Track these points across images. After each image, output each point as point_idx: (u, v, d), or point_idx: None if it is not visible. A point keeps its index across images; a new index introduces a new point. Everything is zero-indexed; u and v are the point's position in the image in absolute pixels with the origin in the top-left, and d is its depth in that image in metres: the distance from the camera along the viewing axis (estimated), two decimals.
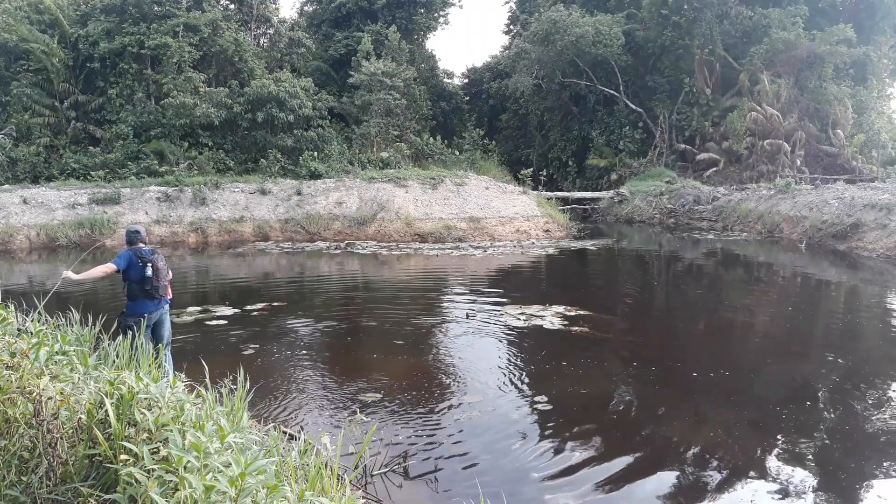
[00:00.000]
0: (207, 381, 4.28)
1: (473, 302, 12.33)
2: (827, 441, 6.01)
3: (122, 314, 6.36)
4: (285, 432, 5.37)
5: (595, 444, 6.01)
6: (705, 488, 5.16)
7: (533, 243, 22.09)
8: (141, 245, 6.45)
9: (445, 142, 34.96)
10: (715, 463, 5.59)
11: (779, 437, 6.04)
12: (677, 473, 5.41)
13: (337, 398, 7.07)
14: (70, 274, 6.09)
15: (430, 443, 5.79)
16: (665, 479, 5.28)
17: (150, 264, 6.23)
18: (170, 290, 6.67)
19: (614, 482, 5.21)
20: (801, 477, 5.33)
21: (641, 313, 12.27)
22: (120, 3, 28.97)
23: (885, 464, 5.57)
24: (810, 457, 5.70)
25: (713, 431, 6.22)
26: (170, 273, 6.61)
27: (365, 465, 5.17)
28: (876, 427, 6.31)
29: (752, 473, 5.39)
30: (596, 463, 5.57)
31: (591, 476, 5.30)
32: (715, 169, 33.45)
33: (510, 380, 7.82)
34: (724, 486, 5.20)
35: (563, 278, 16.69)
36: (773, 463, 5.57)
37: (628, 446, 5.95)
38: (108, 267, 6.22)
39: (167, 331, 6.66)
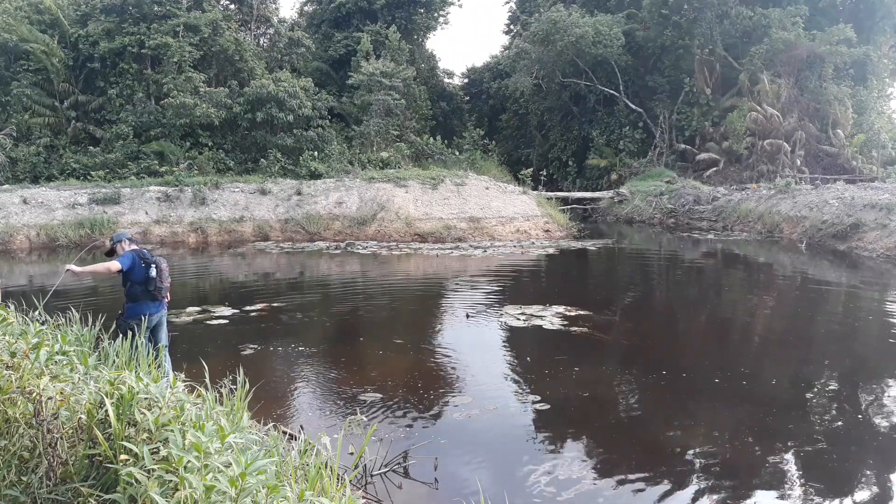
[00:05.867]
0: (207, 381, 4.28)
1: (473, 302, 12.33)
2: (828, 442, 6.00)
3: (120, 315, 6.35)
4: (285, 432, 5.37)
5: (595, 444, 6.01)
6: (706, 490, 5.16)
7: (533, 243, 22.09)
8: (136, 246, 6.47)
9: (445, 142, 34.95)
10: (715, 464, 5.59)
11: (780, 439, 6.04)
12: (678, 475, 5.40)
13: (337, 398, 7.07)
14: (73, 267, 6.12)
15: (430, 442, 5.79)
16: (665, 481, 5.28)
17: (153, 265, 6.24)
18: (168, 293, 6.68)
19: (614, 483, 5.21)
20: (804, 479, 5.33)
21: (641, 314, 12.27)
22: (120, 3, 28.97)
23: (889, 465, 5.57)
24: (813, 459, 5.70)
25: (714, 433, 6.22)
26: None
27: (365, 465, 5.17)
28: (878, 427, 6.31)
29: (752, 475, 5.39)
30: (596, 464, 5.58)
31: (591, 477, 5.30)
32: (715, 169, 33.45)
33: (510, 380, 7.82)
34: (724, 488, 5.20)
35: (563, 278, 16.69)
36: (774, 465, 5.57)
37: (628, 447, 5.96)
38: (113, 265, 6.16)
39: (165, 333, 6.65)
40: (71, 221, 21.80)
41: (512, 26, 51.52)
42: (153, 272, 6.18)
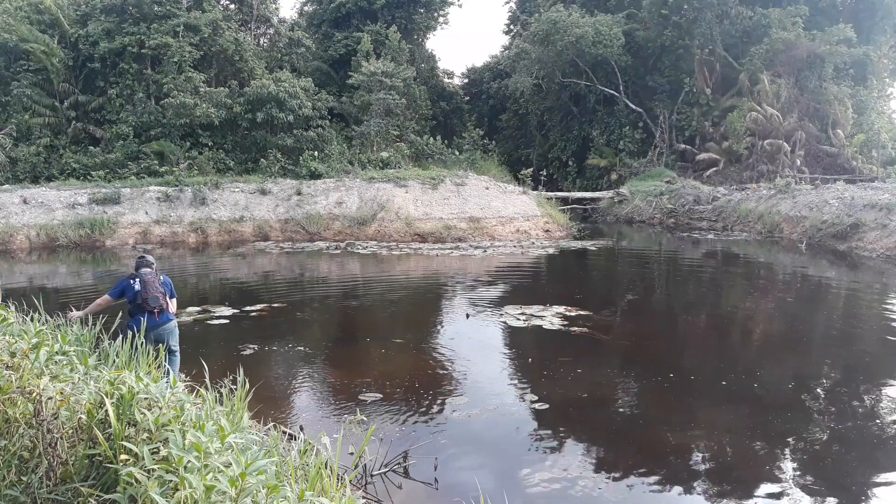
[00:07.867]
0: (207, 381, 4.28)
1: (473, 302, 12.33)
2: (830, 443, 6.00)
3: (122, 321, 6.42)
4: (285, 432, 5.38)
5: (595, 445, 6.01)
6: (707, 491, 5.16)
7: (533, 243, 22.09)
8: (149, 270, 6.46)
9: (445, 142, 34.94)
10: (717, 466, 5.60)
11: (780, 439, 6.04)
12: (677, 476, 5.41)
13: (337, 398, 7.07)
14: (76, 313, 6.41)
15: (430, 442, 5.79)
16: (664, 482, 5.28)
17: (138, 279, 6.30)
18: (172, 306, 6.49)
19: (614, 483, 5.21)
20: (804, 480, 5.33)
21: (641, 314, 12.27)
22: (120, 3, 28.94)
23: (891, 465, 5.57)
24: (815, 459, 5.70)
25: (714, 433, 6.21)
26: (174, 292, 6.57)
27: (365, 465, 5.17)
28: (880, 428, 6.31)
29: (751, 476, 5.39)
30: (596, 464, 5.58)
31: (591, 477, 5.31)
32: (715, 169, 33.44)
33: (510, 380, 7.82)
34: (726, 489, 5.20)
35: (563, 278, 16.69)
36: (774, 466, 5.57)
37: (629, 448, 5.96)
38: (104, 299, 6.48)
39: (174, 344, 6.47)
40: (71, 221, 21.79)
41: (512, 26, 51.50)
42: (137, 286, 6.27)
